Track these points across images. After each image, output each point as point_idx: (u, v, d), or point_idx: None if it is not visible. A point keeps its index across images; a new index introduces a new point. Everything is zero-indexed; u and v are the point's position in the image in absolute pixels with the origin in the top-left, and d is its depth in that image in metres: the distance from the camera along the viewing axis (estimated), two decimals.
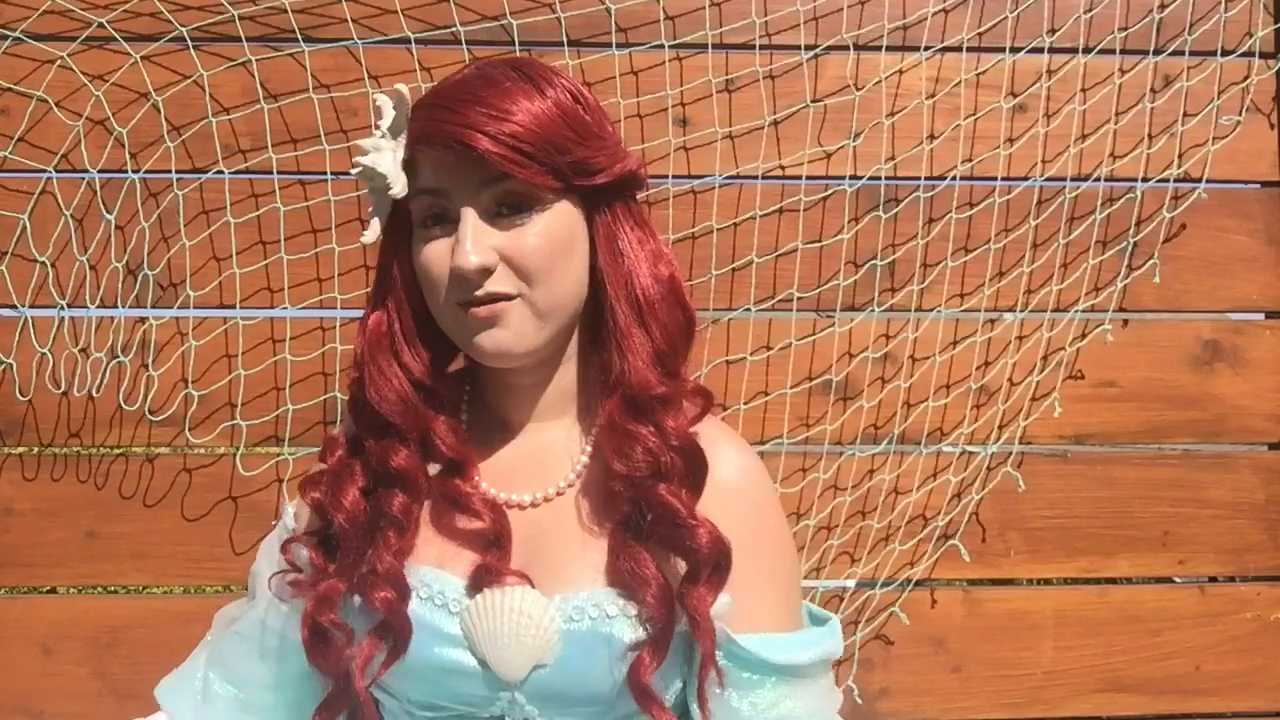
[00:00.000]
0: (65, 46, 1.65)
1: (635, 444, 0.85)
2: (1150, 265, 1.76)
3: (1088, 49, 1.74)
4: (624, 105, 1.69)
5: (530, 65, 0.87)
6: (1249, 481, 1.78)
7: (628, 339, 0.87)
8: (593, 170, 0.86)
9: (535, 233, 0.84)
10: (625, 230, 0.89)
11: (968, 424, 1.74)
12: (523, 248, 0.84)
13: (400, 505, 0.89)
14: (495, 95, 0.82)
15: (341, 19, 1.66)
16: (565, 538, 0.90)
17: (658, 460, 0.85)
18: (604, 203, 0.89)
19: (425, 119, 0.84)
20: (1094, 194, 1.75)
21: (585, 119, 0.86)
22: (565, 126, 0.84)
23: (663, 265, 0.90)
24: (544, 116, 0.82)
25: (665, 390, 0.87)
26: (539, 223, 0.85)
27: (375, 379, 0.89)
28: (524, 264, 0.84)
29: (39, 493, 1.69)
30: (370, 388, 0.89)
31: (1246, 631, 1.77)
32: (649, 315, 0.88)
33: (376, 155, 0.86)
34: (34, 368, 1.68)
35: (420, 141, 0.84)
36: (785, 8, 1.72)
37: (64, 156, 1.67)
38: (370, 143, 0.86)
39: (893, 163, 1.74)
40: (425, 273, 0.86)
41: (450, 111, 0.82)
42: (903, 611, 1.73)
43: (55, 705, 1.68)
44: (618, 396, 0.87)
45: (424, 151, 0.85)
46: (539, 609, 0.85)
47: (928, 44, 1.73)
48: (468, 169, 0.83)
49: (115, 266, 1.67)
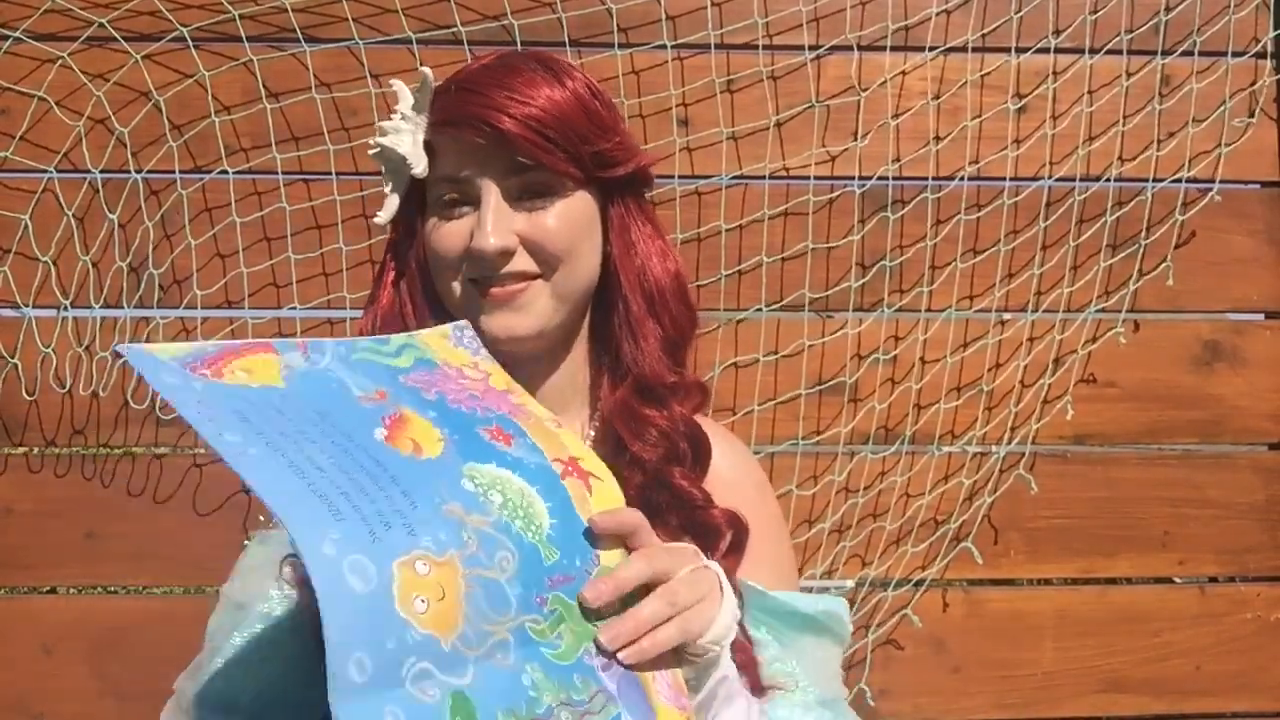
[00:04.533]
0: (66, 46, 1.65)
1: (650, 427, 0.87)
2: (1164, 268, 1.76)
3: (1093, 50, 1.75)
4: (626, 105, 1.69)
5: (551, 57, 0.89)
6: (1249, 481, 1.78)
7: (641, 327, 0.89)
8: (612, 162, 0.87)
9: (555, 215, 0.85)
10: (638, 224, 0.91)
11: (979, 426, 1.74)
12: (544, 231, 0.84)
13: None
14: (519, 81, 0.83)
15: (342, 18, 1.66)
16: None
17: (673, 443, 0.87)
18: (618, 195, 0.90)
19: (450, 101, 0.84)
20: (1102, 196, 1.75)
21: (602, 113, 0.87)
22: (585, 117, 0.85)
23: (670, 260, 0.92)
24: (565, 105, 0.83)
25: (676, 379, 0.89)
26: (558, 207, 0.85)
27: None
28: (545, 246, 0.84)
29: (40, 493, 1.69)
30: None
31: (1246, 631, 1.77)
32: (660, 306, 0.90)
33: (396, 136, 0.86)
34: (38, 367, 1.67)
35: (445, 123, 0.84)
36: (787, 8, 1.72)
37: (65, 156, 1.67)
38: (390, 124, 0.86)
39: (898, 164, 1.74)
40: (439, 252, 0.86)
41: (475, 94, 0.83)
42: (913, 614, 1.74)
43: (55, 705, 1.68)
44: (630, 381, 0.89)
45: (447, 133, 0.84)
46: None
47: (931, 45, 1.73)
48: (491, 153, 0.83)
49: (120, 266, 1.67)
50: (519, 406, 0.75)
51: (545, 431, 0.73)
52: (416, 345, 0.77)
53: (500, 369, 0.79)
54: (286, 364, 0.69)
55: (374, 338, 0.76)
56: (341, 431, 0.65)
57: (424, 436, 0.67)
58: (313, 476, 0.60)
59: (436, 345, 0.78)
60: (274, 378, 0.68)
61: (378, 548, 0.58)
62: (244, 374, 0.67)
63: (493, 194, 0.83)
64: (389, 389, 0.71)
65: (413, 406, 0.69)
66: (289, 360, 0.70)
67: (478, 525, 0.64)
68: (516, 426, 0.72)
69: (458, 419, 0.70)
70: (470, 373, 0.77)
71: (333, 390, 0.69)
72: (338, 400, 0.68)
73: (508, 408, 0.74)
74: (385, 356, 0.74)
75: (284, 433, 0.63)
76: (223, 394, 0.65)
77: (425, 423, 0.68)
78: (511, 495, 0.67)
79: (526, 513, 0.67)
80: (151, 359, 0.66)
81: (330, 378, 0.70)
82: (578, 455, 0.73)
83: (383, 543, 0.59)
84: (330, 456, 0.62)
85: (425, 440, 0.67)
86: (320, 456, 0.62)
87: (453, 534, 0.62)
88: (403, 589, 0.58)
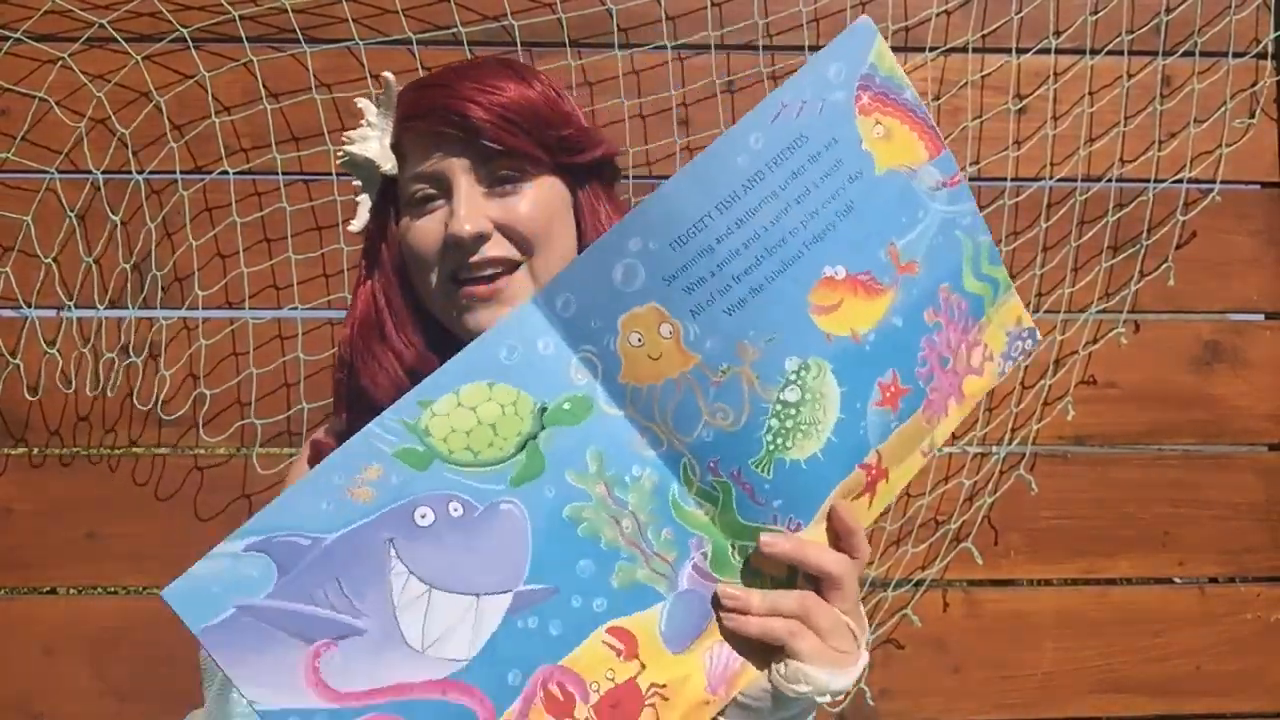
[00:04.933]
0: (66, 47, 1.65)
1: None
2: (1165, 268, 1.76)
3: (1094, 51, 1.75)
4: (626, 106, 1.69)
5: (515, 61, 0.91)
6: (1249, 482, 1.78)
7: None
8: (578, 148, 0.88)
9: (528, 200, 0.85)
10: (607, 210, 0.92)
11: (980, 426, 1.74)
12: (518, 215, 0.85)
13: None
14: (485, 74, 0.85)
15: (342, 19, 1.66)
16: None
17: None
18: (587, 182, 0.91)
19: (417, 97, 0.86)
20: (1103, 197, 1.75)
21: (564, 105, 0.89)
22: (548, 106, 0.86)
23: None
24: (530, 96, 0.85)
25: None
26: (530, 192, 0.86)
27: (368, 365, 0.89)
28: (521, 230, 0.85)
29: (40, 493, 1.69)
30: (364, 375, 0.89)
31: (1246, 632, 1.78)
32: None
33: (363, 143, 0.88)
34: (40, 367, 1.68)
35: (413, 117, 0.85)
36: (787, 9, 1.72)
37: (66, 156, 1.67)
38: (357, 133, 0.88)
39: None
40: (416, 249, 0.86)
41: (442, 88, 0.84)
42: (913, 614, 1.74)
43: (55, 705, 1.68)
44: None
45: (416, 128, 0.85)
46: None
47: (931, 45, 1.73)
48: (461, 142, 0.84)
49: (124, 267, 1.67)
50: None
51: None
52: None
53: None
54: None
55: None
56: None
57: (863, 318, 0.70)
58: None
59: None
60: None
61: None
62: None
63: (463, 181, 0.84)
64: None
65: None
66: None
67: (774, 383, 0.67)
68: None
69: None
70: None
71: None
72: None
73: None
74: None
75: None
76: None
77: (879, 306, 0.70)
78: (818, 397, 0.68)
79: (809, 421, 0.68)
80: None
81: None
82: (889, 466, 0.72)
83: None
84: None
85: (863, 320, 0.69)
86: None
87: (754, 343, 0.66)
88: (640, 320, 0.65)
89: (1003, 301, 0.78)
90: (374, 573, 0.61)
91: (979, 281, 0.76)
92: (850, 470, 0.70)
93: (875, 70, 0.70)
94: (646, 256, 0.65)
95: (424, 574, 0.62)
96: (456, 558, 0.62)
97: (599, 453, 0.66)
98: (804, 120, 0.67)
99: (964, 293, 0.75)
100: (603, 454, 0.66)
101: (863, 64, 0.70)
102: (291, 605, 0.60)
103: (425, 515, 0.62)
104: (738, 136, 0.65)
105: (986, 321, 0.77)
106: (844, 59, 0.69)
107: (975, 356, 0.77)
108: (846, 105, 0.69)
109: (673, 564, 0.68)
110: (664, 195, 0.64)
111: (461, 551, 0.63)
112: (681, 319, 0.66)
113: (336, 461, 0.61)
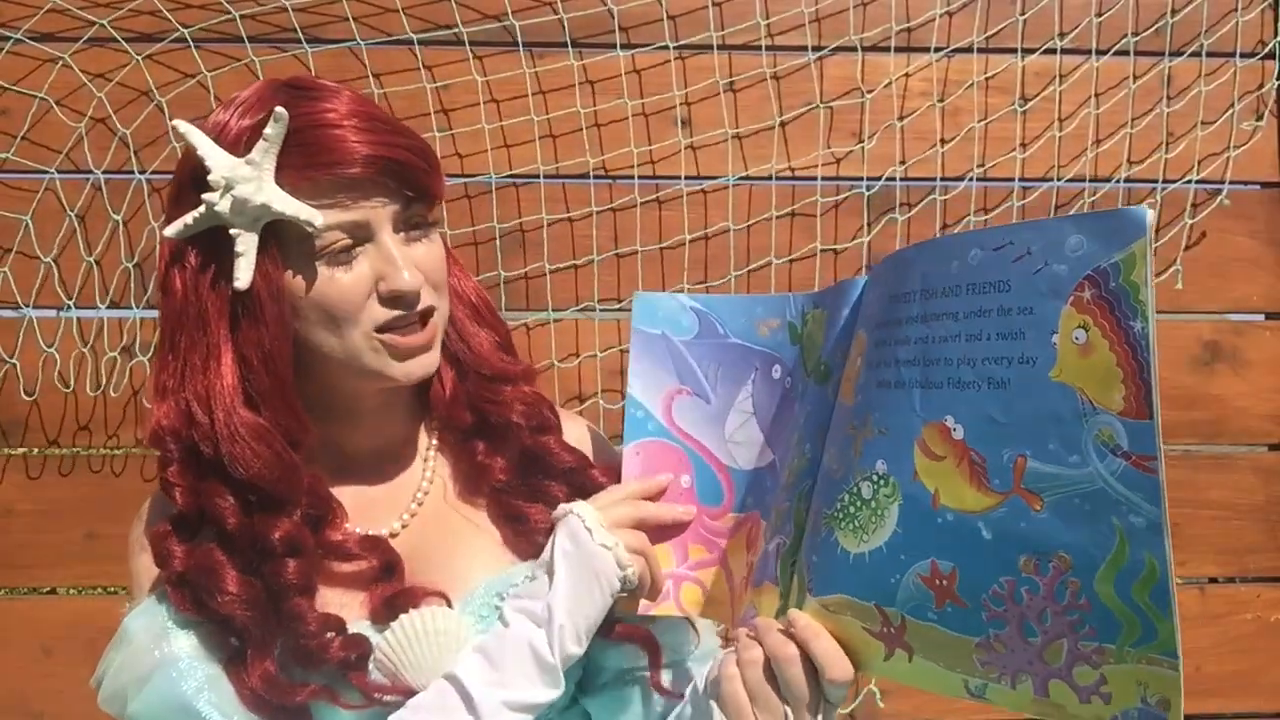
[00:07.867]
0: (67, 46, 1.64)
1: (514, 400, 0.90)
2: (1173, 271, 1.76)
3: (1100, 52, 1.74)
4: (628, 106, 1.68)
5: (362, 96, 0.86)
6: (1249, 482, 1.79)
7: (474, 336, 0.91)
8: (442, 190, 0.87)
9: (436, 244, 0.84)
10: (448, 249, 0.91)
11: None
12: (435, 261, 0.83)
13: (297, 570, 0.81)
14: (380, 118, 0.81)
15: (343, 18, 1.66)
16: (447, 541, 0.88)
17: (539, 412, 0.91)
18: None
19: (324, 140, 0.77)
20: (1111, 199, 1.75)
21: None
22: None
23: (472, 280, 0.95)
24: (420, 139, 0.84)
25: (522, 366, 0.93)
26: (435, 236, 0.85)
27: (243, 452, 0.79)
28: (437, 278, 0.84)
29: (40, 493, 1.69)
30: (238, 464, 0.79)
31: (1246, 632, 1.78)
32: (484, 318, 0.93)
33: (244, 187, 0.75)
34: (39, 367, 1.67)
35: (327, 165, 0.77)
36: (788, 9, 1.71)
37: (66, 156, 1.66)
38: (226, 178, 0.76)
39: (904, 166, 1.74)
40: (338, 302, 0.79)
41: (354, 130, 0.78)
42: None
43: (55, 706, 1.68)
44: (474, 376, 0.90)
45: (331, 174, 0.77)
46: (453, 623, 0.82)
47: (935, 46, 1.73)
48: (383, 190, 0.79)
49: (125, 266, 1.67)
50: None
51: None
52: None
53: None
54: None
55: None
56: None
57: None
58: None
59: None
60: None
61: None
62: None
63: (387, 230, 0.80)
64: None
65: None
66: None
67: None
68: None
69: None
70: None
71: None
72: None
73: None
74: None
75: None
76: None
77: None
78: (878, 514, 0.71)
79: (861, 525, 0.72)
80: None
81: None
82: (914, 644, 0.71)
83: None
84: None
85: (952, 497, 0.67)
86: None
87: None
88: (858, 341, 0.77)
89: (1154, 660, 0.64)
90: (737, 377, 0.88)
91: (1121, 601, 0.62)
92: (868, 601, 0.70)
93: (1116, 272, 0.60)
94: (878, 293, 0.75)
95: (754, 404, 0.87)
96: (772, 410, 0.85)
97: (811, 413, 0.80)
98: (1018, 269, 0.63)
99: (1092, 594, 0.62)
100: (812, 413, 0.80)
101: (1106, 256, 0.60)
102: (689, 357, 0.89)
103: (777, 371, 0.86)
104: (968, 242, 0.67)
105: (1117, 655, 0.63)
106: (1092, 236, 0.61)
107: (1079, 674, 0.64)
108: (1062, 286, 0.62)
109: (780, 529, 0.81)
110: (905, 255, 0.75)
111: (776, 408, 0.85)
112: (865, 361, 0.74)
113: (765, 301, 0.88)
